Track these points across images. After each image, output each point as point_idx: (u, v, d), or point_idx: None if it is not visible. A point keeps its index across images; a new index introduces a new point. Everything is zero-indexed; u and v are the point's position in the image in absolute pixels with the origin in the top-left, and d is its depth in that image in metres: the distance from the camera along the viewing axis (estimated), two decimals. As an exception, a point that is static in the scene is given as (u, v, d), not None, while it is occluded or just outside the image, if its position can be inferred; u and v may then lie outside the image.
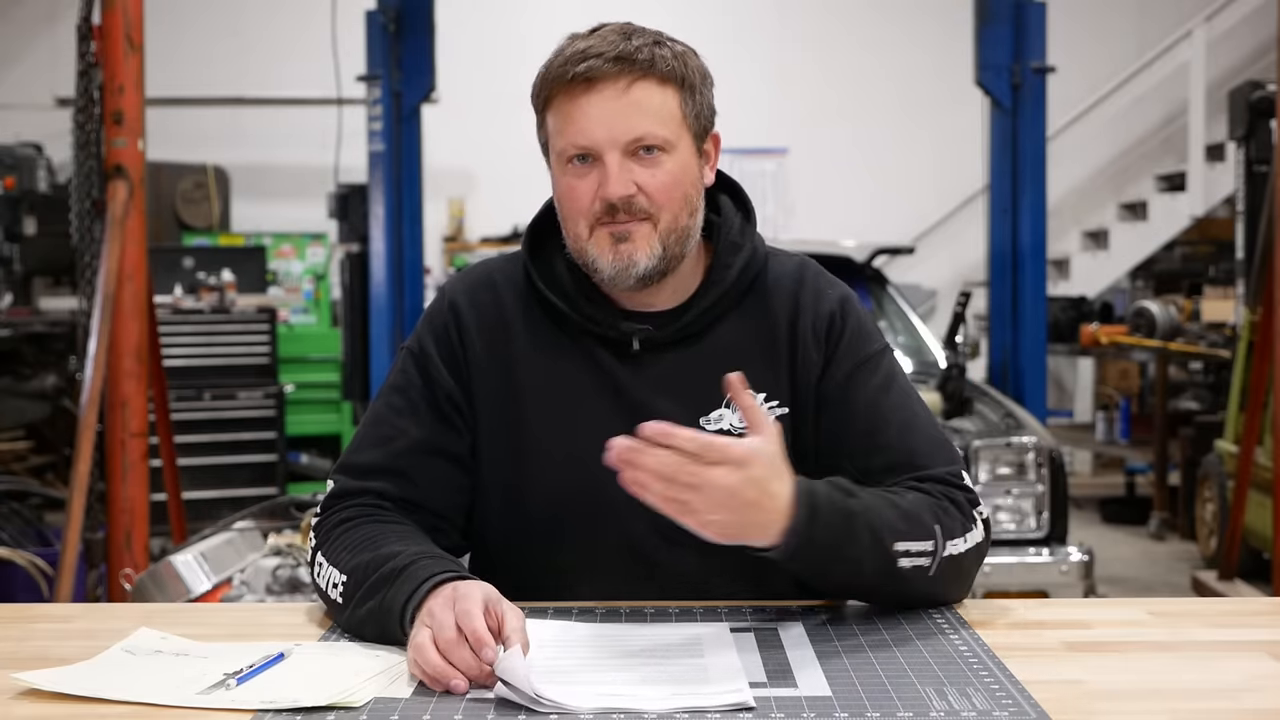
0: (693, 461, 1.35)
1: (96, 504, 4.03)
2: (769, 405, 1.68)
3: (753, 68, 8.74)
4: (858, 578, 1.52)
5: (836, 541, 1.47)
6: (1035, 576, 3.99)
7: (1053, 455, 4.08)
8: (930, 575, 1.54)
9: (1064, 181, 8.65)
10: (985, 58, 5.42)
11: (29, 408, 6.70)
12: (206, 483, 6.16)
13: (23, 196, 6.99)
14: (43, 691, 1.30)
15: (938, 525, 1.55)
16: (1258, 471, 5.16)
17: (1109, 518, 7.35)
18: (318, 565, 1.59)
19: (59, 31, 7.81)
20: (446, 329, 1.71)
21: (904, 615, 1.56)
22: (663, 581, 1.66)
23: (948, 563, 1.56)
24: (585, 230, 1.63)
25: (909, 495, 1.58)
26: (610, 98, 1.59)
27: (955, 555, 1.56)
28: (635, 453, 1.34)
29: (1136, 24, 9.23)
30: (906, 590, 1.56)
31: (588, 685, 1.30)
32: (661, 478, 1.35)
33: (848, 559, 1.49)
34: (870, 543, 1.49)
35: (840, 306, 1.72)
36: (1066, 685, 1.32)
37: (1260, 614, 1.68)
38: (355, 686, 1.31)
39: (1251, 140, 6.14)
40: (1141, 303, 7.32)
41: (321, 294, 8.13)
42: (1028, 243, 5.42)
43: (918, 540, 1.53)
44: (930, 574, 1.54)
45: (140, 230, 3.96)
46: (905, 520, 1.53)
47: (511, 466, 1.68)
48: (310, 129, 7.97)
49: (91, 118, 4.03)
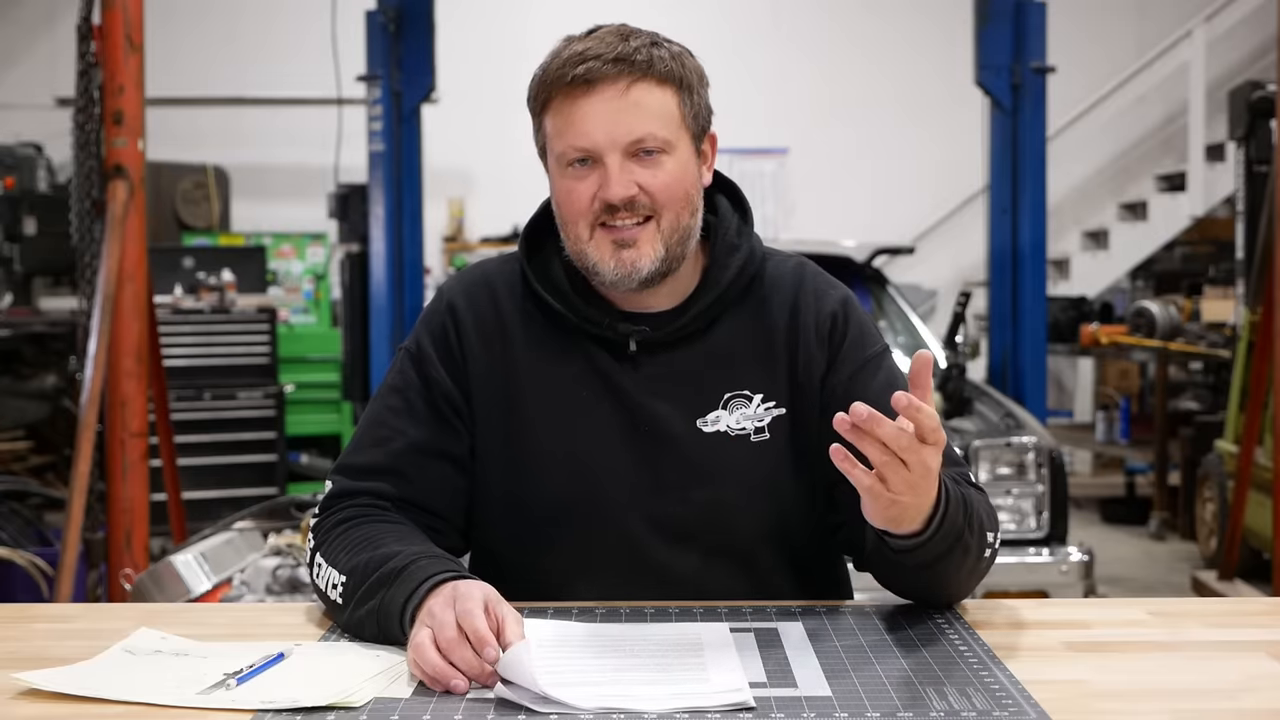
0: (913, 439, 1.36)
1: (96, 504, 4.03)
2: (766, 406, 1.68)
3: (753, 68, 8.75)
4: (960, 571, 1.55)
5: (959, 530, 1.50)
6: (1035, 576, 3.99)
7: (1053, 455, 4.08)
8: (988, 566, 1.60)
9: (1064, 181, 8.65)
10: (985, 58, 5.42)
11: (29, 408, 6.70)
12: (206, 483, 6.15)
13: (23, 196, 7.00)
14: (43, 691, 1.30)
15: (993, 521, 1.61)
16: (1258, 471, 5.16)
17: (1109, 518, 7.36)
18: (317, 566, 1.59)
19: (59, 31, 7.81)
20: (444, 329, 1.71)
21: (904, 615, 1.56)
22: (662, 581, 1.66)
23: (994, 555, 1.61)
24: (586, 232, 1.63)
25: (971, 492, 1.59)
26: (610, 99, 1.59)
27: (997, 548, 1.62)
28: (875, 421, 1.34)
29: (1136, 24, 9.23)
30: (974, 582, 1.60)
31: (588, 685, 1.30)
32: (887, 449, 1.35)
33: (965, 547, 1.52)
34: (978, 532, 1.54)
35: (842, 307, 1.72)
36: (1066, 685, 1.32)
37: (1260, 614, 1.68)
38: (355, 686, 1.31)
39: (1251, 140, 6.14)
40: (1141, 303, 7.32)
41: (321, 294, 8.12)
42: (1028, 243, 5.42)
43: (993, 531, 1.59)
44: (991, 564, 1.61)
45: (140, 230, 3.96)
46: (988, 512, 1.59)
47: (509, 466, 1.68)
48: (310, 129, 7.97)
49: (91, 118, 4.03)
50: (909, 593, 1.61)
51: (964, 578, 1.57)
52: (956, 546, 1.50)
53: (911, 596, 1.61)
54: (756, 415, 1.67)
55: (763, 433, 1.67)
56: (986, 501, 1.61)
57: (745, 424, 1.67)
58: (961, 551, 1.51)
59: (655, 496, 1.65)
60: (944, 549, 1.49)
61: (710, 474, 1.66)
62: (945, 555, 1.50)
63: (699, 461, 1.66)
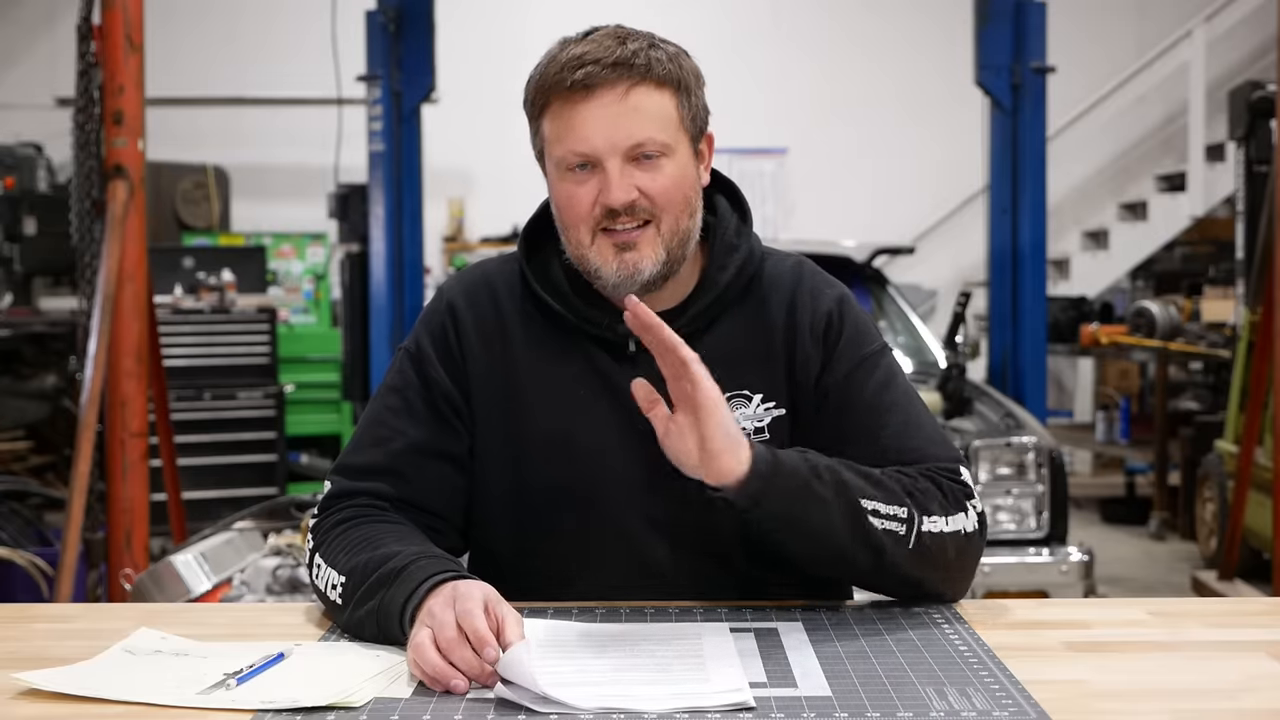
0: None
1: (96, 504, 4.03)
2: (766, 406, 1.68)
3: (752, 68, 8.75)
4: (831, 533, 1.50)
5: (801, 485, 1.48)
6: (1035, 576, 3.99)
7: (1053, 455, 4.08)
8: (910, 548, 1.53)
9: (1064, 181, 8.65)
10: (985, 58, 5.42)
11: (29, 408, 6.70)
12: (206, 483, 6.15)
13: (23, 196, 7.00)
14: (43, 691, 1.30)
15: (909, 496, 1.55)
16: (1258, 471, 5.16)
17: (1109, 518, 7.36)
18: (316, 566, 1.59)
19: (59, 31, 7.81)
20: (444, 330, 1.71)
21: (904, 615, 1.56)
22: (661, 580, 1.66)
23: (929, 539, 1.55)
24: (587, 237, 1.63)
25: (881, 470, 1.58)
26: (609, 104, 1.59)
27: (935, 533, 1.55)
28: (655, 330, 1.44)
29: (1136, 24, 9.23)
30: (888, 563, 1.53)
31: (588, 685, 1.30)
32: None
33: (816, 500, 1.49)
34: (835, 493, 1.50)
35: (838, 306, 1.72)
36: (1066, 685, 1.32)
37: (1260, 614, 1.68)
38: (355, 686, 1.31)
39: (1251, 140, 6.14)
40: (1141, 303, 7.32)
41: (321, 294, 8.12)
42: (1028, 243, 5.42)
43: (888, 504, 1.53)
44: (910, 546, 1.53)
45: (140, 230, 3.96)
46: (871, 483, 1.54)
47: (509, 467, 1.68)
48: (310, 129, 7.97)
49: (91, 118, 4.03)
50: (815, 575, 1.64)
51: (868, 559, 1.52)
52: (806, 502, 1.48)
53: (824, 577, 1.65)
54: (756, 415, 1.67)
55: (763, 433, 1.67)
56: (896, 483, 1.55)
57: (745, 424, 1.67)
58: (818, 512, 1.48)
59: (654, 496, 1.65)
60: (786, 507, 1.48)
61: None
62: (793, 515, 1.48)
63: (699, 461, 1.66)
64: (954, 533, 1.58)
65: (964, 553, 1.60)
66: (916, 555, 1.55)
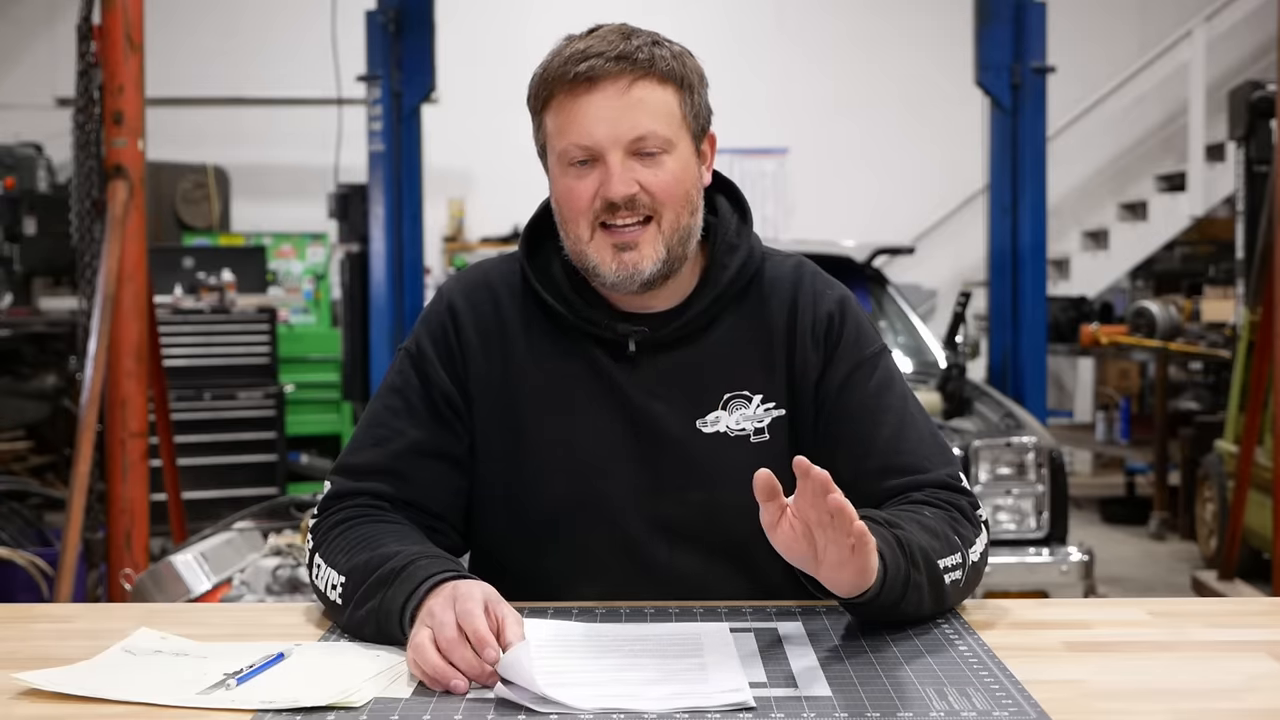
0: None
1: (96, 504, 4.03)
2: (766, 407, 1.68)
3: (753, 68, 8.75)
4: (920, 606, 1.50)
5: (904, 579, 1.45)
6: (1035, 576, 3.99)
7: (1053, 455, 4.08)
8: (961, 587, 1.55)
9: (1064, 181, 8.65)
10: (985, 58, 5.42)
11: (29, 408, 6.70)
12: (206, 483, 6.15)
13: (23, 196, 6.99)
14: (43, 691, 1.30)
15: (957, 536, 1.56)
16: (1258, 471, 5.16)
17: (1109, 518, 7.35)
18: (316, 567, 1.59)
19: (59, 31, 7.81)
20: (444, 330, 1.71)
21: (904, 616, 1.56)
22: (662, 581, 1.66)
23: (971, 570, 1.57)
24: (586, 232, 1.63)
25: (926, 511, 1.57)
26: (612, 97, 1.59)
27: (975, 562, 1.58)
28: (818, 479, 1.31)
29: (1136, 24, 9.23)
30: (946, 606, 1.55)
31: (588, 686, 1.30)
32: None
33: (915, 588, 1.47)
34: (927, 576, 1.49)
35: (839, 307, 1.72)
36: (1066, 685, 1.32)
37: (1260, 614, 1.68)
38: (355, 686, 1.31)
39: (1251, 140, 6.14)
40: (1141, 303, 7.32)
41: (321, 294, 8.13)
42: (1028, 243, 5.42)
43: (951, 555, 1.53)
44: (961, 585, 1.55)
45: (140, 230, 3.96)
46: (937, 538, 1.53)
47: (509, 467, 1.68)
48: (310, 129, 7.97)
49: (91, 118, 4.03)
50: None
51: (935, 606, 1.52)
52: (908, 591, 1.46)
53: None
54: (756, 416, 1.67)
55: (762, 434, 1.67)
56: (947, 524, 1.56)
57: (745, 425, 1.67)
58: (916, 594, 1.47)
59: (654, 497, 1.66)
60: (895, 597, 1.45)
61: (710, 475, 1.66)
62: (898, 603, 1.46)
63: (698, 462, 1.66)
64: (983, 551, 1.61)
65: (985, 563, 1.63)
66: (965, 588, 1.57)
